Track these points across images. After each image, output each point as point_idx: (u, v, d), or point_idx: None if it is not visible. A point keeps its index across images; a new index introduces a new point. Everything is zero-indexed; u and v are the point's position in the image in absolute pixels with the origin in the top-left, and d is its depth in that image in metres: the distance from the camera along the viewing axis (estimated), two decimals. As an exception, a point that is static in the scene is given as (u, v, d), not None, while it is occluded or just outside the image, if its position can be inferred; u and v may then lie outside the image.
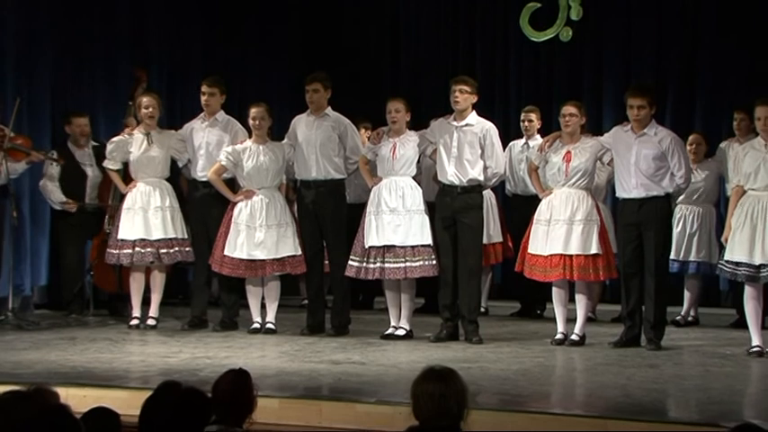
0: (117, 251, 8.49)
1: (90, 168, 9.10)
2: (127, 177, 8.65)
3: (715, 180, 9.00)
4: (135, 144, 8.58)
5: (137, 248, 8.46)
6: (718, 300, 9.95)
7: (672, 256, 8.32)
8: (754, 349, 7.33)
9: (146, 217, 8.47)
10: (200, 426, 3.65)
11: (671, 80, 10.74)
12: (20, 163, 8.67)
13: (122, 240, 8.47)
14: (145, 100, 8.60)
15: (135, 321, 8.55)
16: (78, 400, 4.65)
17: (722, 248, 7.63)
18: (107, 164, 8.70)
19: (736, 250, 7.31)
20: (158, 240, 8.48)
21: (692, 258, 8.97)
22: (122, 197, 8.59)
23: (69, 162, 9.03)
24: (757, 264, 7.24)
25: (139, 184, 8.55)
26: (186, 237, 8.61)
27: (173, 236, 8.53)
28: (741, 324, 8.00)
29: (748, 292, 7.42)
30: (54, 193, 9.02)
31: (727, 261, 7.41)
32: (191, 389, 3.73)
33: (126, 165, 8.64)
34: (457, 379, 3.80)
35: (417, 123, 8.29)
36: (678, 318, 8.97)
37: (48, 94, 9.56)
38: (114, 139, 8.72)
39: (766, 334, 7.40)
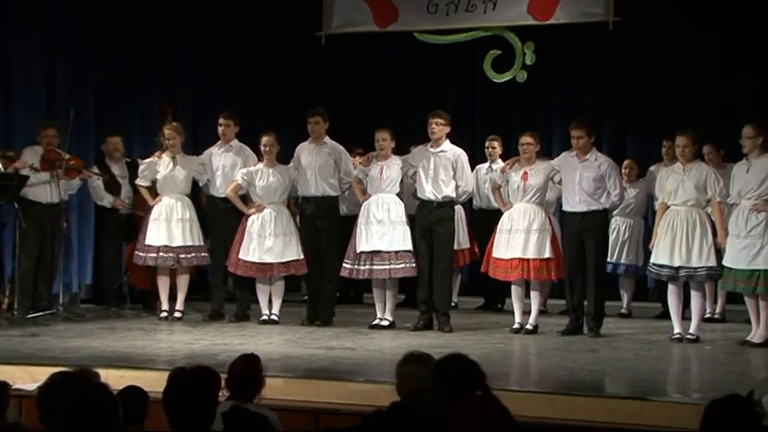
0: (144, 254, 8.48)
1: (123, 181, 9.07)
2: (155, 193, 8.64)
3: (644, 197, 9.03)
4: (162, 165, 8.58)
5: (160, 253, 8.43)
6: (646, 295, 9.95)
7: (608, 260, 8.33)
8: (675, 336, 7.36)
9: (169, 227, 8.45)
10: (212, 393, 3.61)
11: (608, 115, 10.77)
12: (75, 180, 8.68)
13: (149, 245, 8.45)
14: (166, 132, 8.61)
15: (164, 314, 8.52)
16: (116, 379, 4.61)
17: (648, 254, 7.65)
18: (139, 181, 8.70)
19: (660, 255, 7.34)
20: (179, 247, 8.46)
21: (623, 261, 9.01)
22: (150, 209, 8.57)
23: (108, 174, 9.02)
24: (676, 266, 7.27)
25: (164, 198, 8.53)
26: (202, 244, 8.58)
27: (191, 243, 8.50)
28: (665, 315, 8.02)
29: (670, 289, 7.45)
30: (103, 195, 9.01)
31: (653, 264, 7.44)
32: (197, 367, 3.70)
33: (154, 182, 8.63)
34: (433, 362, 3.80)
35: (400, 149, 8.28)
36: (622, 311, 9.00)
37: (93, 121, 9.56)
38: (146, 161, 8.74)
39: (685, 323, 7.40)
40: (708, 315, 8.27)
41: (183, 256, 8.48)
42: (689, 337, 7.30)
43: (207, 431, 3.47)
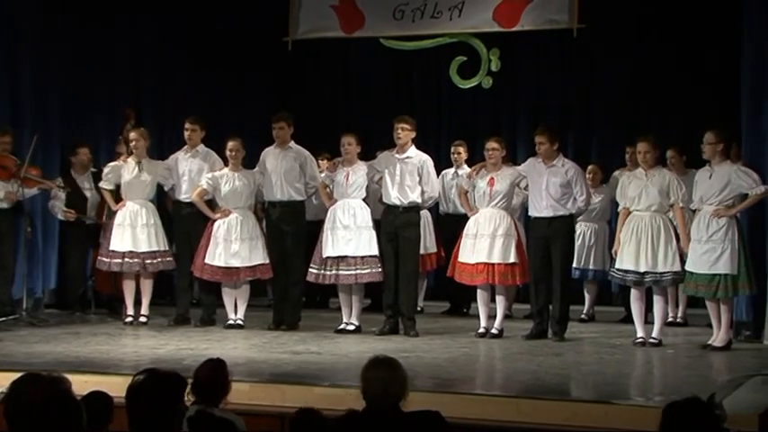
0: (108, 260, 8.41)
1: (89, 192, 9.02)
2: (119, 198, 8.58)
3: (608, 202, 9.07)
4: (127, 169, 8.51)
5: (126, 259, 8.37)
6: (610, 300, 10.01)
7: (573, 265, 8.39)
8: (639, 340, 7.42)
9: (134, 233, 8.39)
10: (176, 399, 3.58)
11: (572, 121, 10.84)
12: (32, 189, 8.60)
13: (113, 251, 8.38)
14: (132, 135, 8.56)
15: (129, 319, 8.46)
16: (80, 384, 4.52)
17: (612, 259, 7.70)
18: (102, 184, 8.62)
19: (625, 260, 7.39)
20: (144, 252, 8.40)
21: (590, 267, 9.06)
22: (113, 214, 8.50)
23: (73, 187, 8.95)
24: (642, 271, 7.32)
25: (128, 203, 8.47)
26: (167, 249, 8.53)
27: (156, 249, 8.45)
28: (628, 320, 8.07)
29: (634, 294, 7.51)
30: (57, 207, 8.97)
31: (617, 269, 7.49)
32: (165, 372, 3.67)
33: (118, 186, 8.57)
34: (399, 366, 3.81)
35: (367, 155, 8.29)
36: (582, 315, 9.04)
37: (57, 130, 9.44)
38: (111, 164, 8.67)
39: (648, 327, 7.46)
40: (670, 319, 8.33)
41: (148, 261, 8.42)
42: (652, 340, 7.36)
43: None
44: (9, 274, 8.48)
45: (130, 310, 8.49)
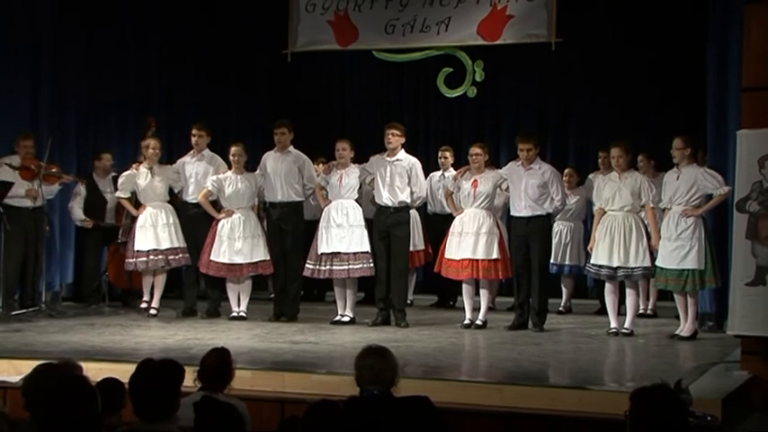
0: (134, 260, 8.41)
1: (109, 195, 9.04)
2: (136, 203, 8.60)
3: (583, 203, 9.11)
4: (141, 177, 8.51)
5: (150, 257, 8.37)
6: (585, 293, 10.04)
7: (551, 261, 8.41)
8: (612, 330, 7.45)
9: (156, 232, 8.39)
10: (175, 384, 3.60)
11: (550, 127, 10.87)
12: (54, 185, 8.59)
13: (138, 251, 8.38)
14: (152, 142, 8.55)
15: (144, 305, 8.49)
16: (95, 372, 4.55)
17: (588, 255, 7.73)
18: (119, 194, 8.63)
19: (600, 256, 7.42)
20: (167, 249, 8.41)
21: (566, 263, 9.07)
22: (134, 218, 8.51)
23: (93, 189, 8.96)
24: (615, 266, 7.36)
25: (148, 207, 8.47)
26: (186, 246, 8.53)
27: (177, 245, 8.46)
28: (602, 311, 8.09)
29: (608, 288, 7.54)
30: (76, 213, 9.03)
31: (592, 264, 7.52)
32: (164, 360, 3.68)
33: (134, 193, 8.57)
34: (390, 355, 3.83)
35: (360, 159, 8.30)
36: (560, 308, 9.05)
37: (73, 135, 9.45)
38: (124, 173, 8.63)
39: (621, 318, 7.49)
40: (641, 311, 8.35)
41: (171, 257, 8.44)
42: (624, 331, 7.38)
43: (168, 417, 3.46)
44: (33, 270, 8.47)
45: (147, 296, 8.52)
